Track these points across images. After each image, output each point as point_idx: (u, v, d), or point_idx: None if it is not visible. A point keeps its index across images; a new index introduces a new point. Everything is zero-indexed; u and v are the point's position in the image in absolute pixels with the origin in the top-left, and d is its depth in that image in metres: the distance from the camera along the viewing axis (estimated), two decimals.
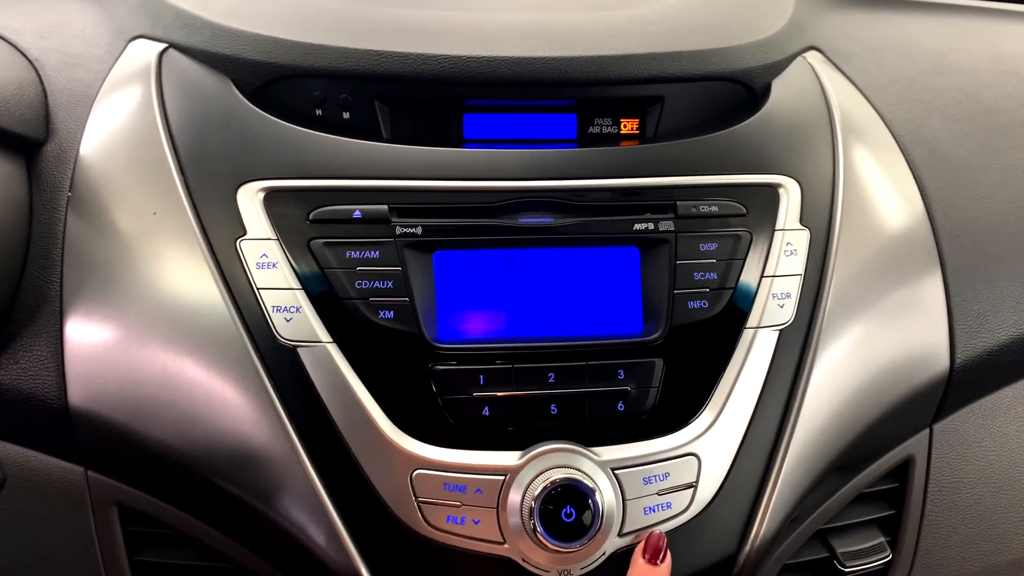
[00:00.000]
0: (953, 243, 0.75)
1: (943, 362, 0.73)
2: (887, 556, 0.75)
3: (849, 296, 0.69)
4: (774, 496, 0.65)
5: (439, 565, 0.61)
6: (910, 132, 0.81)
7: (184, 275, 0.63)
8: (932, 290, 0.74)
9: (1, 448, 0.66)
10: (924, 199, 0.77)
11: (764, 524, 0.64)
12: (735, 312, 0.67)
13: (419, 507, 0.61)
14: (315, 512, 0.61)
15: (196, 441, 0.62)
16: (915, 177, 0.78)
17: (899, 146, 0.79)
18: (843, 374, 0.68)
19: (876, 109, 0.82)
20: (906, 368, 0.71)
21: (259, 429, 0.62)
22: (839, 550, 0.74)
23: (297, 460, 0.61)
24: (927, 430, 0.76)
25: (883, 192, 0.75)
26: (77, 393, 0.63)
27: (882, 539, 0.76)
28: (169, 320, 0.63)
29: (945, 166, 0.79)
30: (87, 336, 0.63)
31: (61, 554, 0.67)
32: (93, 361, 0.63)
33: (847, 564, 0.73)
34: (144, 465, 0.65)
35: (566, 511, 0.60)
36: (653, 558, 0.60)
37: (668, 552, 0.61)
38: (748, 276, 0.67)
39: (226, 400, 0.62)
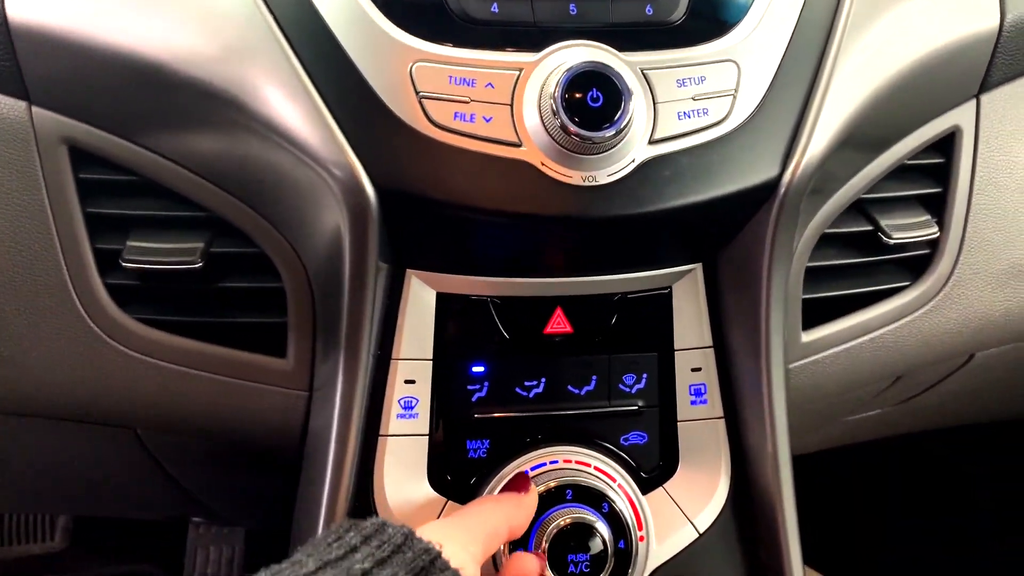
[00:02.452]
0: None
1: (993, 18, 0.66)
2: (934, 232, 0.68)
3: None
4: (821, 113, 0.57)
5: (446, 170, 0.53)
6: None
7: None
8: None
9: None
10: None
11: (810, 144, 0.57)
12: None
13: (420, 102, 0.53)
14: (305, 111, 0.52)
15: (166, 41, 0.54)
16: None
17: None
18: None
19: None
20: (953, 12, 0.64)
21: (233, 22, 0.53)
22: (883, 222, 0.67)
23: (280, 51, 0.53)
24: (974, 100, 0.69)
25: None
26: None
27: (928, 216, 0.69)
28: None
29: None
30: None
31: (5, 207, 0.58)
32: None
33: (893, 235, 0.66)
34: (99, 89, 0.56)
35: (592, 95, 0.52)
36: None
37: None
38: None
39: None
